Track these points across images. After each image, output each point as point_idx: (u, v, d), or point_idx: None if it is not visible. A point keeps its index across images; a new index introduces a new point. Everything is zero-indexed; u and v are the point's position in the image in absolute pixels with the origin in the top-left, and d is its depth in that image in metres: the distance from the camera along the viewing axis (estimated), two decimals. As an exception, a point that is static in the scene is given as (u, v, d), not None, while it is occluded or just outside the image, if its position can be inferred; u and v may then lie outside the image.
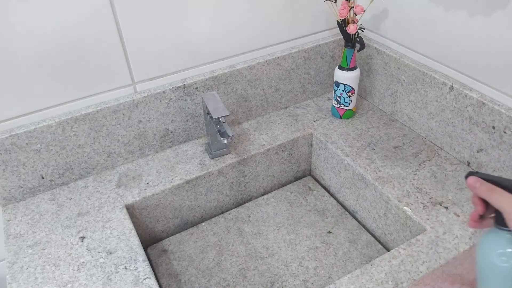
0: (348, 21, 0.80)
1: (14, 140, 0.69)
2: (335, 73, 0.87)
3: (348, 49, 0.83)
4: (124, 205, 0.73)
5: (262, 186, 0.91)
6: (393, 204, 0.72)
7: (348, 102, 0.88)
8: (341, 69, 0.85)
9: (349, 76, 0.85)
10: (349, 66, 0.84)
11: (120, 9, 0.68)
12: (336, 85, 0.87)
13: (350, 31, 0.79)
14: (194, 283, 0.73)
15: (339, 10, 0.78)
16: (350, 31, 0.79)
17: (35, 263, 0.64)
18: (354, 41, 0.82)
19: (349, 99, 0.88)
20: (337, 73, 0.86)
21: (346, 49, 0.83)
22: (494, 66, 0.69)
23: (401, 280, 0.59)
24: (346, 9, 0.78)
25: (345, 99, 0.88)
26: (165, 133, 0.83)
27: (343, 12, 0.78)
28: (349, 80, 0.85)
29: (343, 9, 0.78)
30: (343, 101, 0.88)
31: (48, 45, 0.65)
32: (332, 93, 1.00)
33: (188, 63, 0.79)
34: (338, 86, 0.87)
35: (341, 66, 0.85)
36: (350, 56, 0.83)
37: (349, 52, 0.83)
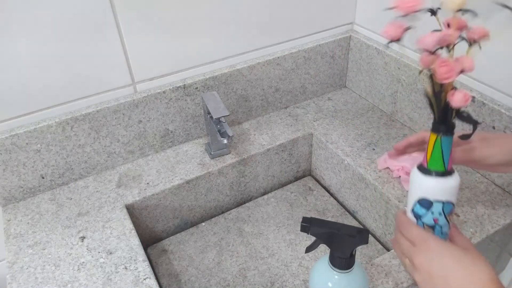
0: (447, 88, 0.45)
1: (14, 140, 0.69)
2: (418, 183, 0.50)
3: (445, 137, 0.47)
4: (124, 205, 0.73)
5: (262, 186, 0.91)
6: (393, 204, 0.72)
7: (446, 231, 0.51)
8: (432, 175, 0.48)
9: (451, 185, 0.48)
10: (447, 168, 0.48)
11: (120, 9, 0.68)
12: (424, 205, 0.50)
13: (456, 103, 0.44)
14: (194, 283, 0.73)
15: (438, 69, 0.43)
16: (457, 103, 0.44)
17: (35, 263, 0.64)
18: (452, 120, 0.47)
19: (447, 227, 0.51)
20: (426, 184, 0.49)
21: (440, 137, 0.47)
22: (494, 66, 0.69)
23: (401, 280, 0.59)
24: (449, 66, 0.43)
25: (442, 227, 0.50)
26: (165, 133, 0.83)
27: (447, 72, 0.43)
28: (450, 192, 0.49)
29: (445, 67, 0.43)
30: (439, 231, 0.50)
31: (48, 44, 0.65)
32: (334, 92, 1.00)
33: (188, 63, 0.79)
34: (430, 207, 0.49)
35: (429, 170, 0.49)
36: (448, 148, 0.48)
37: (448, 142, 0.47)
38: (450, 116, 0.46)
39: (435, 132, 0.48)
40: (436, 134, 0.47)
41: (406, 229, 0.50)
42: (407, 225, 0.50)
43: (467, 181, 0.74)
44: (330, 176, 0.89)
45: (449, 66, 0.43)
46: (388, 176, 0.76)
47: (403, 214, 0.53)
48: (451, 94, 0.44)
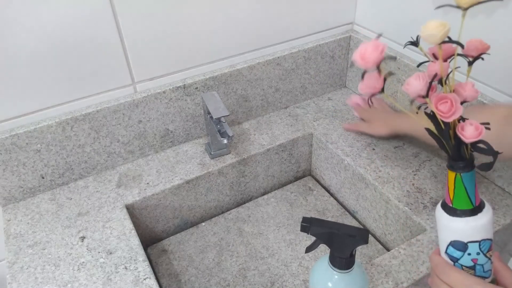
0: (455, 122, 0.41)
1: (14, 140, 0.69)
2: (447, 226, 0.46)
3: (465, 173, 0.43)
4: (124, 205, 0.73)
5: (262, 186, 0.91)
6: (393, 204, 0.72)
7: (489, 268, 0.47)
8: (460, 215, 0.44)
9: (483, 222, 0.44)
10: (475, 203, 0.44)
11: (120, 8, 0.68)
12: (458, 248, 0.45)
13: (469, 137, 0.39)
14: (194, 283, 0.73)
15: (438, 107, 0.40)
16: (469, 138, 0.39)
17: (35, 263, 0.64)
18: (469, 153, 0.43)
19: (489, 263, 0.46)
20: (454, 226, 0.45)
21: (461, 175, 0.43)
22: (494, 66, 0.69)
23: (401, 280, 0.59)
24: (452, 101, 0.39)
25: (483, 266, 0.46)
26: (165, 133, 0.83)
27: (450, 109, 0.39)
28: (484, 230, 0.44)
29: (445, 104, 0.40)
30: (481, 270, 0.46)
31: (48, 44, 0.65)
32: (335, 92, 1.00)
33: (188, 63, 0.79)
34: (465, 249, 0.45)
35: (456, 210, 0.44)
36: (472, 184, 0.43)
37: (470, 178, 0.43)
38: (466, 151, 0.42)
39: (453, 170, 0.43)
40: (455, 172, 0.43)
41: (444, 273, 0.46)
42: (445, 269, 0.45)
43: (467, 181, 0.74)
44: (330, 176, 0.89)
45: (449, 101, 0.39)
46: (388, 176, 0.76)
47: (437, 255, 0.48)
48: (461, 128, 0.39)
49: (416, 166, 0.78)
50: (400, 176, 0.76)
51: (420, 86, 0.40)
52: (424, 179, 0.75)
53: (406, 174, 0.76)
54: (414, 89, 0.41)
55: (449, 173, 0.43)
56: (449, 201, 0.44)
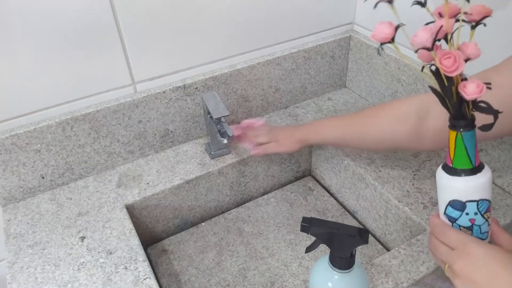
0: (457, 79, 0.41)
1: (14, 140, 0.69)
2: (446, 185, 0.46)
3: (466, 132, 0.43)
4: (124, 205, 0.73)
5: (262, 186, 0.91)
6: (393, 204, 0.72)
7: (486, 230, 0.47)
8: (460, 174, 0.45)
9: (482, 182, 0.45)
10: (475, 163, 0.44)
11: (120, 9, 0.68)
12: (457, 207, 0.46)
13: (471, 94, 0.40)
14: (194, 283, 0.73)
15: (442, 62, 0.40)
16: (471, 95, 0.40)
17: (35, 263, 0.64)
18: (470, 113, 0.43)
19: (487, 225, 0.47)
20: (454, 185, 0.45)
21: (461, 133, 0.43)
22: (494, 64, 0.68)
23: (401, 280, 0.59)
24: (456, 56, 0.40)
25: (481, 227, 0.47)
26: (165, 133, 0.83)
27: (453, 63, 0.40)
28: (483, 189, 0.45)
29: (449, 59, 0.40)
30: (478, 231, 0.47)
31: (48, 45, 0.65)
32: (335, 92, 1.00)
33: (188, 63, 0.79)
34: (464, 208, 0.46)
35: (455, 170, 0.45)
36: (472, 144, 0.44)
37: (470, 137, 0.43)
38: (467, 109, 0.42)
39: (454, 129, 0.43)
40: (456, 131, 0.43)
41: (442, 233, 0.47)
42: (443, 229, 0.47)
43: (467, 181, 0.74)
44: (330, 176, 0.89)
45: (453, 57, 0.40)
46: (388, 176, 0.76)
47: (436, 218, 0.49)
48: (463, 86, 0.40)
49: (416, 166, 0.78)
50: (400, 176, 0.76)
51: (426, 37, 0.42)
52: (424, 179, 0.75)
53: (406, 174, 0.76)
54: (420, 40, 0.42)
55: (450, 133, 0.44)
56: (449, 161, 0.45)
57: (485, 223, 0.46)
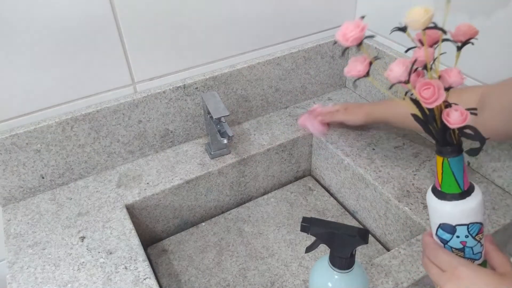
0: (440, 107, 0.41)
1: (14, 140, 0.69)
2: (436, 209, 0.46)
3: (452, 158, 0.43)
4: (124, 205, 0.73)
5: (262, 186, 0.91)
6: (393, 204, 0.72)
7: (478, 251, 0.47)
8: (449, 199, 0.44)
9: (471, 206, 0.44)
10: (464, 188, 0.44)
11: (120, 9, 0.68)
12: (448, 231, 0.46)
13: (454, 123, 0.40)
14: (194, 283, 0.73)
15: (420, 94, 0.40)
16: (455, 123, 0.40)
17: (35, 263, 0.64)
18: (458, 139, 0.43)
19: (479, 246, 0.47)
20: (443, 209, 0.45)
21: (447, 160, 0.43)
22: (494, 66, 0.69)
23: (401, 280, 0.59)
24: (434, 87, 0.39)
25: (473, 248, 0.47)
26: (165, 133, 0.83)
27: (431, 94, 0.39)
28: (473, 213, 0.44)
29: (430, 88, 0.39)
30: (470, 253, 0.47)
31: (48, 45, 0.65)
32: (335, 92, 1.00)
33: (188, 63, 0.79)
34: (454, 232, 0.46)
35: (444, 194, 0.44)
36: (459, 169, 0.43)
37: (456, 163, 0.43)
38: (452, 136, 0.42)
39: (440, 155, 0.43)
40: (441, 157, 0.43)
41: (433, 254, 0.47)
42: (434, 250, 0.47)
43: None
44: (330, 176, 0.89)
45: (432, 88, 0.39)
46: (388, 176, 0.76)
47: (428, 236, 0.48)
48: (446, 114, 0.39)
49: (416, 166, 0.78)
50: (400, 176, 0.76)
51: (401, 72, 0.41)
52: (424, 179, 0.75)
53: (406, 174, 0.76)
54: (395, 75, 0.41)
55: (437, 158, 0.44)
56: (438, 185, 0.45)
57: (477, 245, 0.46)
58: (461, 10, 0.70)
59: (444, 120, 0.39)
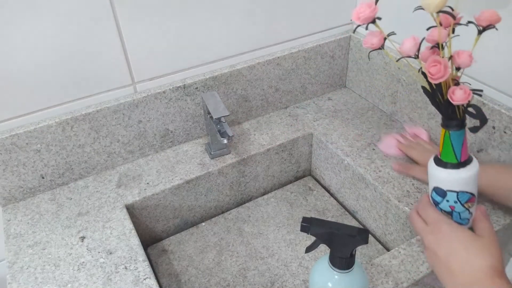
0: (448, 84, 0.45)
1: (14, 140, 0.69)
2: (433, 174, 0.52)
3: (453, 131, 0.48)
4: (124, 205, 0.73)
5: (262, 186, 0.91)
6: (393, 204, 0.72)
7: (466, 217, 0.52)
8: (445, 166, 0.50)
9: (464, 176, 0.49)
10: (461, 159, 0.49)
11: (120, 8, 0.68)
12: (440, 194, 0.51)
13: (456, 100, 0.44)
14: (194, 283, 0.73)
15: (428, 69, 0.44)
16: (457, 100, 0.44)
17: (35, 263, 0.64)
18: (462, 115, 0.47)
19: (468, 213, 0.52)
20: (438, 174, 0.51)
21: (448, 132, 0.48)
22: (494, 66, 0.69)
23: (401, 280, 0.59)
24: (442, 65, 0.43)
25: (461, 214, 0.52)
26: (165, 133, 0.83)
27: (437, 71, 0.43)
28: (464, 183, 0.50)
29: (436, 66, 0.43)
30: (457, 217, 0.52)
31: (48, 44, 0.65)
32: (335, 92, 1.00)
33: (188, 63, 0.79)
34: (445, 195, 0.51)
35: (443, 162, 0.50)
36: (459, 142, 0.48)
37: (457, 136, 0.48)
38: (456, 112, 0.46)
39: (443, 127, 0.48)
40: (445, 130, 0.48)
41: (423, 209, 0.53)
42: (425, 206, 0.53)
43: (467, 181, 0.74)
44: (330, 176, 0.89)
45: (439, 65, 0.43)
46: (388, 176, 0.76)
47: (426, 196, 0.55)
48: (451, 92, 0.44)
49: (416, 166, 0.78)
50: (400, 176, 0.76)
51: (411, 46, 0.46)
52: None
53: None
54: (405, 49, 0.46)
55: (442, 130, 0.49)
56: (438, 153, 0.51)
57: (465, 212, 0.51)
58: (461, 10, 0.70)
59: (449, 97, 0.44)
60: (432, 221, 0.52)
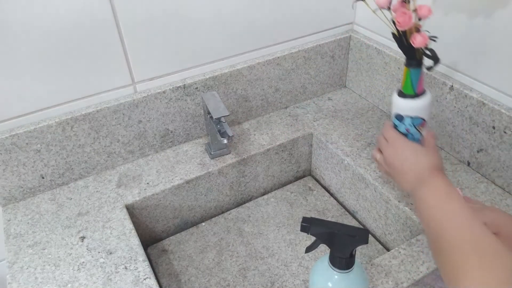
0: (411, 31, 0.57)
1: (14, 140, 0.69)
2: (395, 103, 0.64)
3: (413, 69, 0.60)
4: (124, 205, 0.73)
5: (262, 186, 0.91)
6: (393, 204, 0.72)
7: (418, 138, 0.64)
8: (404, 97, 0.62)
9: (419, 105, 0.62)
10: (417, 91, 0.62)
11: (120, 8, 0.68)
12: (398, 119, 0.64)
13: (417, 44, 0.56)
14: (194, 283, 0.73)
15: (397, 19, 0.56)
16: (418, 44, 0.56)
17: (35, 263, 0.64)
18: (421, 57, 0.59)
19: (419, 134, 0.64)
20: (399, 103, 0.63)
21: (409, 69, 0.60)
22: (494, 66, 0.69)
23: (401, 280, 0.59)
24: (407, 15, 0.55)
25: (414, 135, 0.64)
26: (165, 133, 0.83)
27: (403, 20, 0.55)
28: (418, 110, 0.63)
29: (403, 16, 0.55)
30: (411, 138, 0.64)
31: (48, 44, 0.65)
32: (335, 92, 1.00)
33: (188, 63, 0.79)
34: (402, 120, 0.64)
35: (403, 93, 0.63)
36: (416, 78, 0.61)
37: (415, 73, 0.60)
38: (416, 54, 0.59)
39: (406, 65, 0.61)
40: (406, 67, 0.61)
41: (385, 131, 0.65)
42: (387, 128, 0.65)
43: (466, 180, 0.75)
44: (330, 176, 0.89)
45: (406, 16, 0.55)
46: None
47: (389, 121, 0.66)
48: (413, 37, 0.56)
49: (416, 166, 0.78)
50: (400, 176, 0.76)
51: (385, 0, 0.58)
52: (424, 179, 0.75)
53: (406, 174, 0.76)
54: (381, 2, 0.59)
55: (405, 69, 0.61)
56: (401, 86, 0.63)
57: (417, 133, 0.64)
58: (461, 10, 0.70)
59: (411, 41, 0.57)
60: (391, 139, 0.63)
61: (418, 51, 0.59)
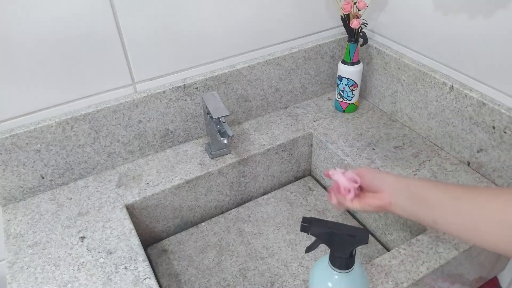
0: (352, 16, 0.81)
1: (14, 140, 0.69)
2: (339, 68, 0.89)
3: (351, 43, 0.85)
4: (124, 205, 0.73)
5: (262, 186, 0.91)
6: (393, 204, 0.72)
7: (350, 96, 0.90)
8: (344, 64, 0.87)
9: (352, 70, 0.87)
10: (352, 60, 0.86)
11: (120, 8, 0.68)
12: (339, 79, 0.89)
13: (353, 25, 0.81)
14: (194, 283, 0.73)
15: (343, 6, 0.80)
16: (353, 26, 0.81)
17: (35, 263, 0.64)
18: (357, 36, 0.84)
19: (351, 93, 0.90)
20: (340, 68, 0.88)
21: (349, 43, 0.85)
22: (494, 66, 0.69)
23: (401, 280, 0.59)
24: (349, 4, 0.80)
25: (347, 93, 0.90)
26: (165, 133, 0.83)
27: (346, 7, 0.80)
28: (352, 74, 0.87)
29: (347, 4, 0.80)
30: (346, 95, 0.90)
31: (48, 44, 0.65)
32: (334, 92, 1.00)
33: (188, 63, 0.79)
34: (341, 80, 0.89)
35: (344, 61, 0.88)
36: (353, 50, 0.85)
37: (352, 46, 0.85)
38: (355, 33, 0.84)
39: (348, 41, 0.85)
40: (348, 42, 0.85)
41: None
42: None
43: (466, 180, 0.74)
44: (330, 176, 0.89)
45: (348, 5, 0.80)
46: (388, 176, 0.76)
47: None
48: (352, 21, 0.81)
49: (416, 166, 0.78)
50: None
51: None
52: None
53: (406, 174, 0.76)
54: None
55: (347, 45, 0.86)
56: (343, 57, 0.88)
57: (350, 92, 0.90)
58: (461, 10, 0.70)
59: (350, 24, 0.82)
60: None
61: (356, 31, 0.84)
